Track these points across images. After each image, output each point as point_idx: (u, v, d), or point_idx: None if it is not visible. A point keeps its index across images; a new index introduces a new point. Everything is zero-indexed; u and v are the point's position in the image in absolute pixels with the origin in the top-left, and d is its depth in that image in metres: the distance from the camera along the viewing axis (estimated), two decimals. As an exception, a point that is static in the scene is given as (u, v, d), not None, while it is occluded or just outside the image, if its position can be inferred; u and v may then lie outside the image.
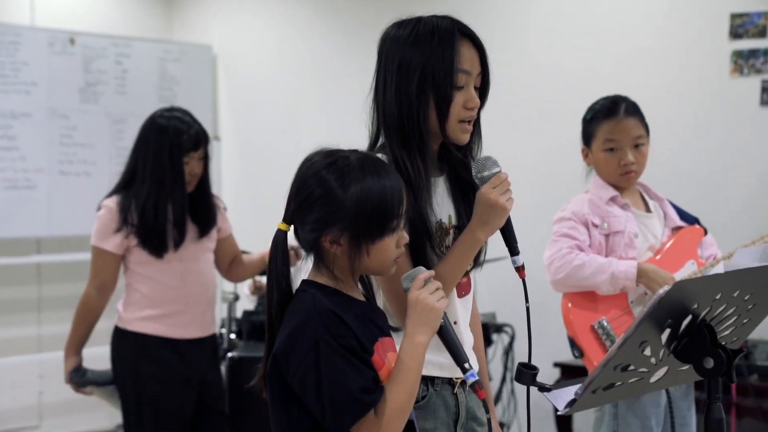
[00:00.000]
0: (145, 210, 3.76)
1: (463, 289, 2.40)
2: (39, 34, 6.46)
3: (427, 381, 2.31)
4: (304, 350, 1.94)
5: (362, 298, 2.12)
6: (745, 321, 2.15)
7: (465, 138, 2.33)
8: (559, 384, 2.09)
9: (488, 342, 5.28)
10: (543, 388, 2.05)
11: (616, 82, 5.01)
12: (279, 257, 2.08)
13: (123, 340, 3.86)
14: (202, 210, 3.94)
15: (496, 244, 2.38)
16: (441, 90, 2.27)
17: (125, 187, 3.85)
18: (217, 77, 7.43)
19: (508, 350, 5.40)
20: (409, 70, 2.28)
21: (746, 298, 2.07)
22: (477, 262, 2.40)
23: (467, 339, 2.40)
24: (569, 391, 2.05)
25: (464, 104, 2.30)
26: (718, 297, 2.00)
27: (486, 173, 2.27)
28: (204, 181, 3.95)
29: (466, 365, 2.03)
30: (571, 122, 3.58)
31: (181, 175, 3.81)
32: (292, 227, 2.08)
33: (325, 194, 2.01)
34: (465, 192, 2.38)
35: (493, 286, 5.49)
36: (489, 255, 3.16)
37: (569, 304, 3.25)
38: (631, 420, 3.22)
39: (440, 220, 2.34)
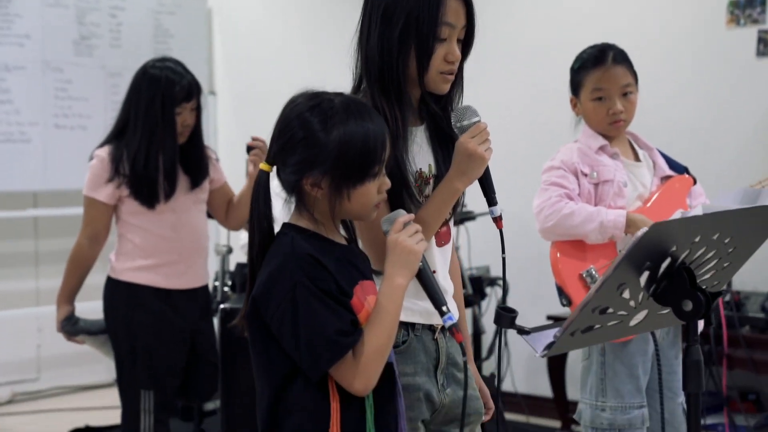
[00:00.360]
0: (136, 160, 3.76)
1: (442, 239, 2.41)
2: (32, -14, 6.43)
3: (408, 326, 2.32)
4: (281, 293, 1.95)
5: (343, 242, 2.13)
6: (725, 264, 2.15)
7: (444, 88, 2.33)
8: (538, 328, 2.10)
9: (482, 295, 5.30)
10: (522, 331, 2.07)
11: (607, 29, 5.01)
12: (261, 198, 2.08)
13: (115, 290, 3.87)
14: (194, 161, 3.94)
15: (482, 199, 2.38)
16: (423, 41, 2.26)
17: (117, 137, 3.85)
18: (212, 30, 7.40)
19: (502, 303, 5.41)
20: (393, 18, 2.27)
21: (726, 241, 2.07)
22: (455, 212, 2.41)
23: (446, 287, 2.40)
24: (548, 335, 2.06)
25: (445, 57, 2.29)
26: (697, 240, 2.00)
27: (465, 122, 2.27)
28: (196, 132, 3.94)
29: (444, 308, 2.05)
30: (560, 71, 3.57)
31: (173, 125, 3.81)
32: (274, 168, 2.09)
33: (308, 136, 2.01)
34: (444, 142, 2.37)
35: (487, 240, 5.49)
36: (483, 208, 3.18)
37: (558, 254, 3.26)
38: (618, 368, 3.24)
39: (419, 169, 2.34)
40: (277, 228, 2.09)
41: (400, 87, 2.28)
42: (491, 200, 2.30)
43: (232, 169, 4.61)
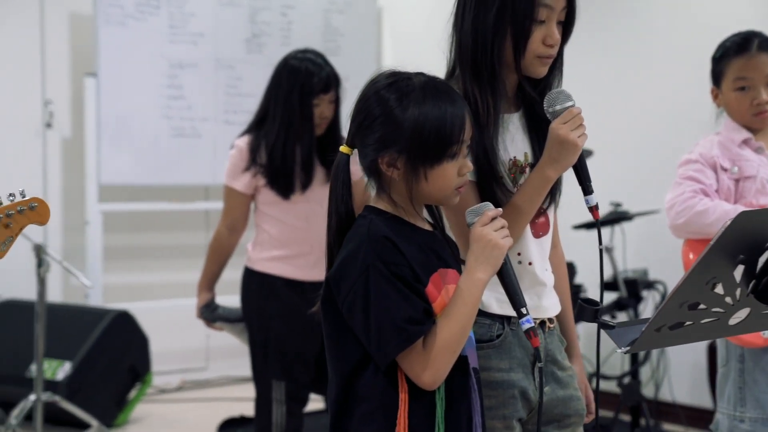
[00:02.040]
0: (273, 150, 3.78)
1: (541, 229, 2.30)
2: (207, -15, 6.61)
3: (504, 320, 2.22)
4: (354, 276, 1.89)
5: (426, 227, 2.06)
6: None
7: (542, 71, 2.23)
8: (624, 323, 1.97)
9: (638, 299, 5.10)
10: (605, 325, 1.95)
11: (752, 17, 4.75)
12: (340, 181, 2.04)
13: (250, 280, 3.91)
14: (331, 153, 3.93)
15: (641, 197, 2.26)
16: (519, 23, 2.16)
17: (257, 126, 3.89)
18: (381, 30, 7.42)
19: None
20: (486, 2, 2.19)
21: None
22: (553, 201, 2.30)
23: (544, 280, 2.29)
24: (635, 330, 1.93)
25: (543, 40, 2.19)
26: (800, 232, 1.84)
27: (558, 107, 2.16)
28: (334, 124, 3.94)
29: (523, 310, 1.95)
30: (702, 61, 3.38)
31: (311, 117, 3.81)
32: (355, 151, 2.04)
33: (384, 114, 1.96)
34: (542, 129, 2.25)
35: (645, 242, 5.30)
36: (638, 209, 3.05)
37: (690, 254, 3.08)
38: (758, 376, 3.04)
39: (513, 157, 2.25)
40: None
41: (494, 73, 2.19)
42: (586, 189, 2.18)
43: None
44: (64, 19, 6.45)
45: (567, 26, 2.24)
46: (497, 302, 2.19)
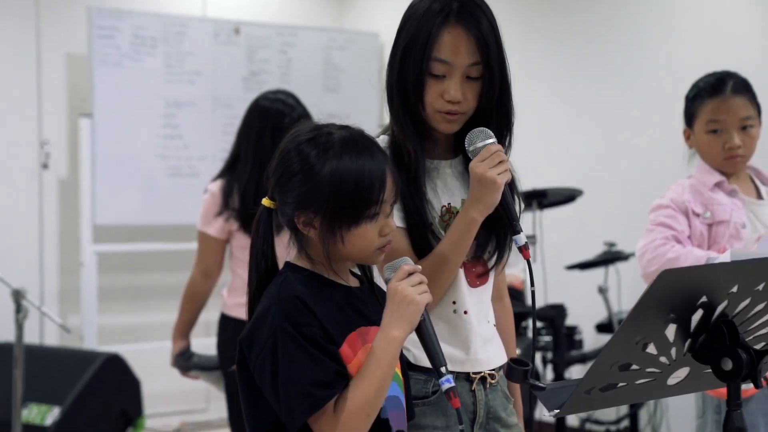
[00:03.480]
0: (245, 193, 3.72)
1: (478, 279, 2.22)
2: (205, 24, 6.58)
3: (438, 375, 2.14)
4: (263, 338, 1.82)
5: (351, 282, 1.97)
6: (783, 319, 1.87)
7: (447, 128, 2.17)
8: (555, 383, 1.87)
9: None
10: (535, 387, 1.85)
11: (727, 55, 4.67)
12: (260, 236, 1.97)
13: (226, 326, 3.84)
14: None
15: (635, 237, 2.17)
16: (414, 75, 2.12)
17: (230, 170, 3.84)
18: (383, 66, 7.36)
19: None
20: (396, 47, 2.16)
21: (775, 292, 1.79)
22: (498, 253, 2.22)
23: (479, 331, 2.20)
24: (566, 392, 1.84)
25: (441, 95, 2.12)
26: (734, 290, 1.74)
27: (479, 144, 2.09)
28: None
29: (442, 369, 1.84)
30: (676, 100, 3.30)
31: (284, 159, 3.75)
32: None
33: (301, 171, 1.89)
34: None
35: (640, 282, 5.17)
36: (633, 248, 2.97)
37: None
38: (736, 428, 2.92)
39: (448, 204, 2.17)
40: None
41: (406, 118, 2.14)
42: (514, 228, 2.10)
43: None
44: (61, 59, 6.44)
45: (491, 81, 2.15)
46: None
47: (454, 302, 2.17)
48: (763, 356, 1.79)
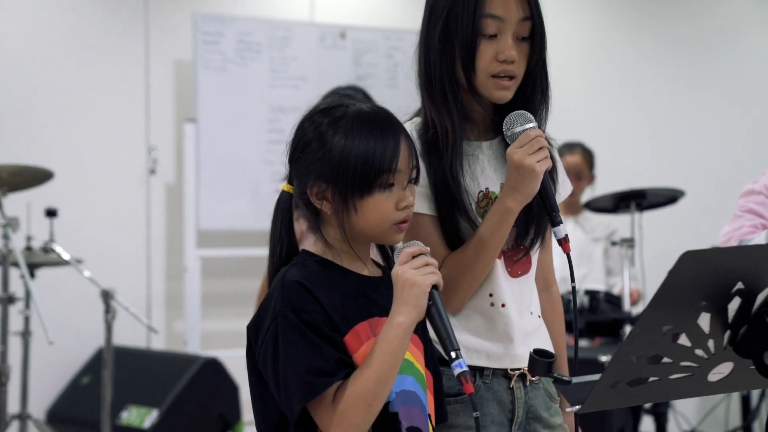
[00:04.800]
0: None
1: (519, 268, 2.07)
2: (310, 29, 6.55)
3: (476, 372, 2.00)
4: (266, 324, 1.75)
5: (367, 271, 1.86)
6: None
7: (501, 96, 2.02)
8: (583, 377, 1.71)
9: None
10: (560, 381, 1.69)
11: None
12: (279, 222, 1.89)
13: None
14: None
15: None
16: (464, 38, 1.97)
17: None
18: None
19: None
20: (434, 16, 2.01)
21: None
22: (538, 239, 2.07)
23: (519, 325, 2.05)
24: (592, 386, 1.68)
25: (496, 56, 1.98)
26: (776, 275, 1.56)
27: (517, 129, 1.95)
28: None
29: (453, 354, 1.71)
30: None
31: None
32: None
33: (314, 138, 1.83)
34: None
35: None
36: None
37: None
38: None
39: (486, 188, 2.03)
40: None
41: (446, 94, 1.99)
42: (552, 219, 1.95)
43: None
44: (168, 65, 6.49)
45: (534, 40, 2.02)
46: (465, 351, 1.96)
47: (490, 294, 2.03)
48: (813, 350, 1.60)
